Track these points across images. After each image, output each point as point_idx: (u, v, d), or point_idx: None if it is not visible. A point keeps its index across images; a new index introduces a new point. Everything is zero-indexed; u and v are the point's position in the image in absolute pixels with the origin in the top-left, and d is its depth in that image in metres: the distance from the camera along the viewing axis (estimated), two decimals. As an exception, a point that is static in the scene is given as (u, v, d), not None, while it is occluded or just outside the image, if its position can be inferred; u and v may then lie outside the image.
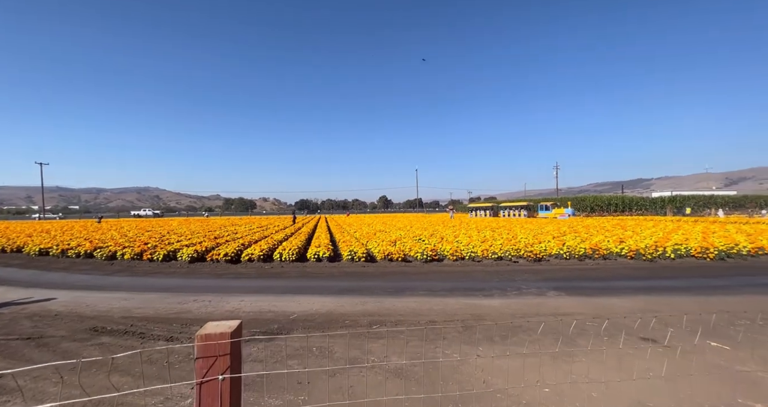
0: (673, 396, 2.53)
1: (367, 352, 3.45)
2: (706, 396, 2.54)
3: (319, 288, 6.42)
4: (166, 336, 3.94)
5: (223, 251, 9.55)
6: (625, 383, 2.72)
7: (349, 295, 5.85)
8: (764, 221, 21.96)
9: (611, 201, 45.80)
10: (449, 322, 4.40)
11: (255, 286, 6.72)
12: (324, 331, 4.07)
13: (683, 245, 9.63)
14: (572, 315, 4.65)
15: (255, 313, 4.85)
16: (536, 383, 2.79)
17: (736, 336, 3.74)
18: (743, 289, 6.12)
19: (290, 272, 8.24)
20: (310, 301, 5.46)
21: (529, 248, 9.54)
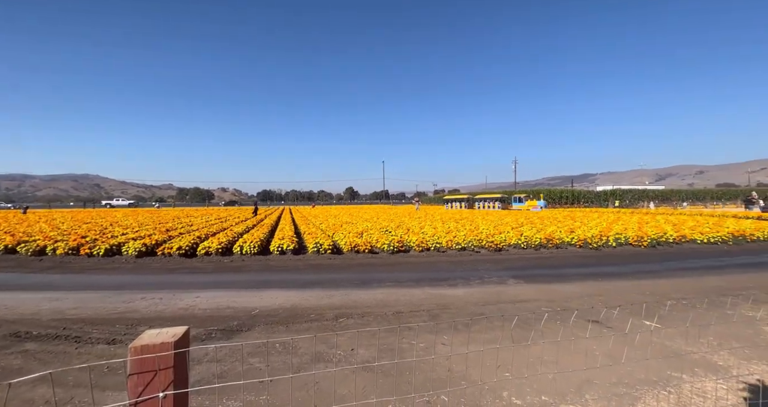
0: (615, 373, 2.77)
1: (333, 346, 3.38)
2: (642, 371, 2.80)
3: (283, 282, 6.19)
4: (107, 339, 3.55)
5: (177, 245, 8.85)
6: (576, 363, 2.93)
7: (314, 288, 5.70)
8: (685, 213, 25.22)
9: (562, 194, 49.42)
10: (416, 312, 4.46)
11: (213, 281, 6.31)
12: (288, 326, 3.93)
13: (623, 234, 10.64)
14: (529, 301, 4.93)
15: (212, 310, 4.55)
16: (497, 368, 2.91)
17: (665, 315, 4.20)
18: (670, 273, 6.90)
19: (252, 265, 7.86)
20: (274, 295, 5.24)
21: (490, 239, 9.97)
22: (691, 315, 4.20)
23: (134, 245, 8.82)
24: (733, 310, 4.39)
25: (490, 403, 2.39)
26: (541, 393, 2.50)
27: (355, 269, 7.37)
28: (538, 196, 44.05)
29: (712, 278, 6.45)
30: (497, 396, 2.47)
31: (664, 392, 2.49)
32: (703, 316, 4.12)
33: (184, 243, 8.99)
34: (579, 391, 2.54)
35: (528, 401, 2.42)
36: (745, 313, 4.27)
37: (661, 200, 47.77)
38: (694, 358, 3.01)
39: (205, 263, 8.17)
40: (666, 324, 3.88)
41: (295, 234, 11.66)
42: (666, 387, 2.56)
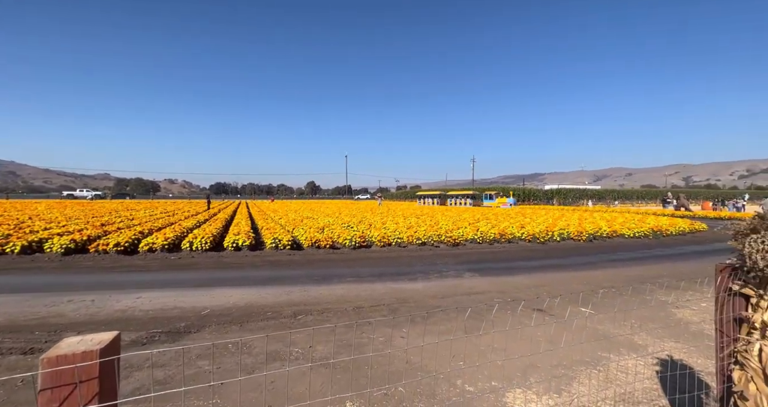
0: (555, 356, 3.04)
1: (290, 344, 3.29)
2: (578, 353, 3.11)
3: (238, 279, 5.88)
4: (23, 349, 3.11)
5: (114, 241, 7.98)
6: (522, 349, 3.16)
7: (272, 285, 5.50)
8: (616, 210, 28.43)
9: (515, 192, 52.86)
10: (376, 307, 4.49)
11: (157, 280, 5.80)
12: (242, 325, 3.74)
13: (565, 230, 11.67)
14: (483, 293, 5.21)
15: (156, 311, 4.18)
16: (452, 358, 3.04)
17: (598, 302, 4.69)
18: (603, 264, 7.72)
19: (203, 263, 7.36)
20: (227, 294, 4.96)
21: (448, 234, 10.36)
22: (618, 301, 4.74)
23: (60, 241, 7.80)
24: (650, 296, 5.03)
25: (444, 391, 2.49)
26: (492, 379, 2.67)
27: (316, 265, 7.24)
28: (507, 193, 44.75)
29: (635, 268, 7.32)
30: (451, 385, 2.58)
31: (595, 371, 2.78)
32: (627, 302, 4.67)
33: (123, 239, 8.14)
34: (524, 375, 2.74)
35: (479, 387, 2.56)
36: (659, 298, 4.91)
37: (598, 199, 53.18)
38: (620, 339, 3.40)
39: (148, 260, 7.48)
40: (598, 310, 4.33)
41: (252, 230, 11.12)
42: (597, 366, 2.86)
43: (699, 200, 47.10)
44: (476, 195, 43.75)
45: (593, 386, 2.55)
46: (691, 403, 2.23)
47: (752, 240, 1.37)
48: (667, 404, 2.28)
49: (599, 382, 2.61)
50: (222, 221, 13.21)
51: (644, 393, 2.44)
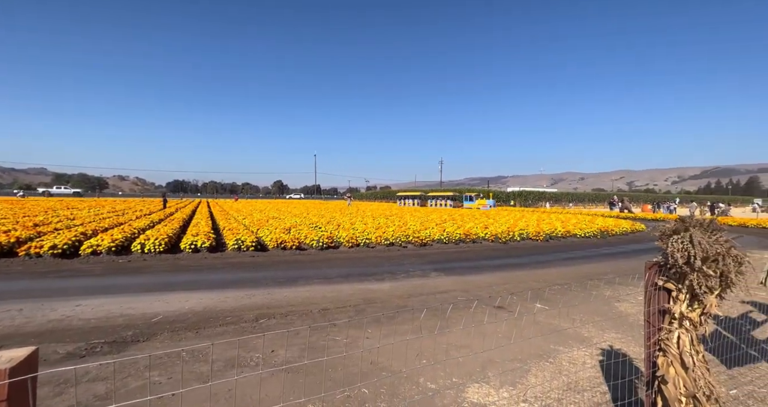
0: (512, 351, 3.21)
1: (251, 349, 3.17)
2: (533, 347, 3.30)
3: (196, 283, 5.55)
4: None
5: (50, 243, 7.18)
6: (482, 345, 3.29)
7: (233, 288, 5.25)
8: (571, 212, 30.70)
9: (481, 193, 55.03)
10: (342, 308, 4.46)
11: (102, 285, 5.31)
12: (199, 331, 3.54)
13: (525, 230, 12.35)
14: (448, 292, 5.37)
15: (99, 320, 3.83)
16: (416, 356, 3.10)
17: (551, 298, 5.02)
18: (558, 262, 8.27)
19: (156, 266, 6.85)
20: (183, 298, 4.66)
21: (416, 235, 10.54)
22: (569, 297, 5.10)
23: (-17, 243, 6.87)
24: (596, 291, 5.48)
25: (407, 390, 2.53)
26: (452, 376, 2.75)
27: (281, 267, 7.03)
28: (487, 195, 44.76)
29: (585, 265, 7.93)
30: (414, 383, 2.63)
31: (547, 363, 2.98)
32: (577, 297, 5.04)
33: (62, 241, 7.35)
34: (483, 370, 2.86)
35: (440, 384, 2.63)
36: (604, 293, 5.36)
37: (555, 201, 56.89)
38: (569, 333, 3.66)
39: (91, 264, 6.83)
40: (551, 305, 4.64)
41: (213, 230, 10.55)
42: (548, 358, 3.06)
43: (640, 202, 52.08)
44: (456, 197, 43.59)
45: (545, 377, 2.73)
46: (626, 388, 2.46)
47: (674, 241, 1.54)
48: (607, 390, 2.49)
49: (550, 373, 2.79)
50: (179, 221, 12.40)
51: (588, 381, 2.65)
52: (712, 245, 1.47)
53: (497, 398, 2.42)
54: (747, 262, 1.49)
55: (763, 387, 2.48)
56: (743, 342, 3.35)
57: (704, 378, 1.46)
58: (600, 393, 2.47)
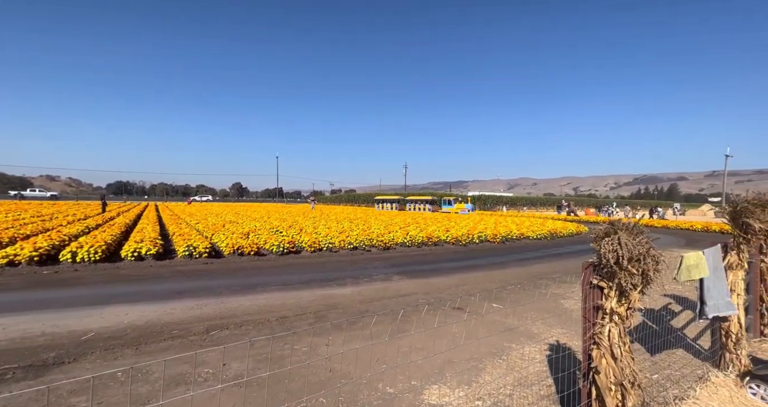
0: (468, 350, 3.32)
1: (199, 364, 2.94)
2: (487, 345, 3.45)
3: (138, 294, 5.06)
4: None
5: (-47, 253, 6.14)
6: (441, 346, 3.37)
7: (181, 298, 4.87)
8: (525, 215, 32.88)
9: (443, 197, 56.75)
10: (302, 315, 4.32)
11: (19, 301, 4.64)
12: (138, 348, 3.22)
13: (484, 233, 12.94)
14: (410, 295, 5.44)
15: (12, 341, 3.33)
16: (376, 361, 3.09)
17: (506, 297, 5.29)
18: (513, 263, 8.76)
19: (90, 277, 6.15)
20: (122, 312, 4.22)
21: (380, 238, 10.58)
22: (522, 296, 5.42)
23: None
24: (546, 289, 5.87)
25: (366, 397, 2.50)
26: (411, 379, 2.78)
27: (238, 274, 6.66)
28: (466, 199, 44.44)
29: (536, 265, 8.49)
30: (373, 389, 2.61)
31: (500, 360, 3.12)
32: (528, 296, 5.37)
33: (-30, 250, 6.31)
34: (441, 371, 2.93)
35: (399, 388, 2.64)
36: (552, 291, 5.77)
37: (511, 205, 60.40)
38: (521, 330, 3.88)
39: (7, 277, 5.95)
40: (505, 304, 4.89)
41: (161, 236, 9.73)
42: (501, 356, 3.21)
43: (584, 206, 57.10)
44: (435, 201, 43.14)
45: (497, 374, 2.85)
46: (569, 379, 2.65)
47: (605, 242, 1.70)
48: (552, 383, 2.67)
49: (503, 370, 2.93)
50: (121, 226, 11.26)
51: (536, 375, 2.82)
52: (635, 246, 1.64)
53: (453, 398, 2.48)
54: (663, 261, 1.69)
55: (677, 371, 2.81)
56: (664, 330, 3.78)
57: (630, 366, 1.62)
58: (546, 386, 2.64)
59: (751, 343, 3.22)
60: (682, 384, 2.56)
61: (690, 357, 3.16)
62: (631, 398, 1.59)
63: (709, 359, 2.91)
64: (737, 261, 2.78)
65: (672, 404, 2.22)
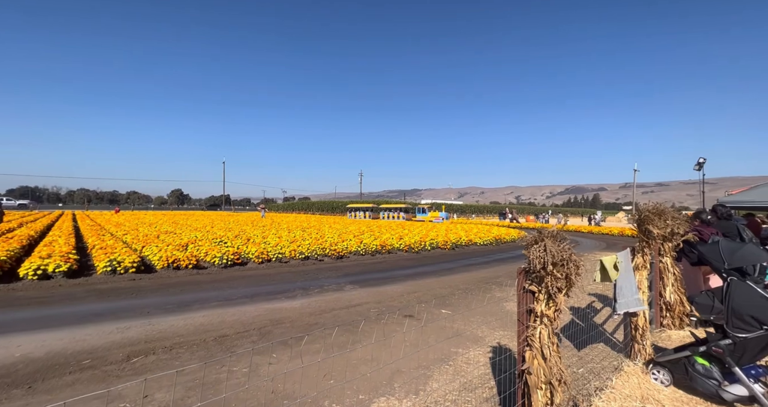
0: (417, 358, 3.34)
1: (114, 398, 2.55)
2: (436, 352, 3.51)
3: (39, 320, 4.29)
4: None
5: None
6: (390, 356, 3.35)
7: (99, 322, 4.23)
8: (473, 222, 34.86)
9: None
10: (244, 333, 4.01)
11: None
12: (33, 386, 2.69)
13: (435, 240, 13.39)
14: (362, 305, 5.36)
15: None
16: (323, 377, 2.96)
17: (455, 303, 5.48)
18: (461, 268, 9.16)
19: (-25, 301, 5.07)
20: (13, 343, 3.52)
21: (333, 247, 10.37)
22: (469, 300, 5.66)
23: None
24: (491, 293, 6.22)
25: (310, 417, 2.37)
26: (359, 393, 2.71)
27: (172, 290, 6.00)
28: (440, 208, 44.35)
29: (483, 270, 8.97)
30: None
31: (447, 366, 3.19)
32: (475, 300, 5.62)
33: None
34: (390, 382, 2.90)
35: (347, 403, 2.55)
36: (496, 295, 6.12)
37: (461, 212, 63.64)
38: (467, 334, 4.03)
39: None
40: (454, 310, 5.06)
41: (78, 250, 8.44)
42: (448, 362, 3.29)
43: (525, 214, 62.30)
44: (410, 209, 42.82)
45: (444, 381, 2.91)
46: (508, 380, 2.79)
47: (534, 249, 1.84)
48: (494, 384, 2.79)
49: (449, 376, 3.00)
50: (22, 239, 9.54)
51: (480, 378, 2.93)
52: (559, 252, 1.80)
53: (401, 409, 2.46)
54: (582, 265, 1.87)
55: (598, 364, 3.13)
56: (588, 327, 4.21)
57: (557, 365, 1.75)
58: (488, 388, 2.75)
59: (654, 334, 3.71)
60: (602, 375, 2.85)
61: (609, 350, 3.54)
62: (558, 395, 1.72)
63: (622, 350, 3.29)
64: (642, 262, 3.21)
65: (593, 395, 2.45)
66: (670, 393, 2.59)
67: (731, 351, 2.23)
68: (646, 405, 2.38)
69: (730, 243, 3.82)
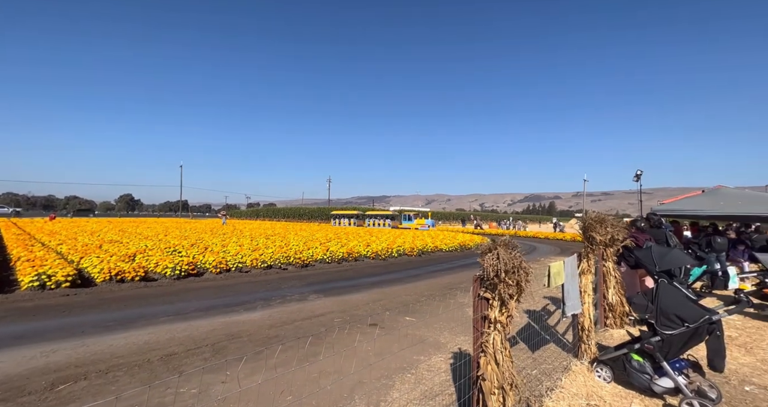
0: (380, 368, 3.31)
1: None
2: (399, 360, 3.50)
3: (-58, 346, 3.67)
4: None
5: None
6: (352, 367, 3.28)
7: (17, 346, 3.71)
8: (440, 229, 35.73)
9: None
10: (195, 350, 3.73)
11: None
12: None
13: (402, 247, 13.50)
14: (325, 315, 5.22)
15: None
16: (281, 393, 2.82)
17: (419, 309, 5.53)
18: (427, 275, 9.29)
19: None
20: None
21: (297, 255, 10.06)
22: (433, 307, 5.73)
23: None
24: (454, 299, 6.36)
25: (264, 438, 2.24)
26: (318, 408, 2.61)
27: (113, 306, 5.45)
28: (426, 215, 43.48)
29: (448, 276, 9.17)
30: (273, 427, 2.36)
31: (409, 375, 3.19)
32: (439, 307, 5.72)
33: None
34: (351, 394, 2.83)
35: (304, 420, 2.45)
36: (459, 300, 6.27)
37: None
38: (430, 341, 4.07)
39: None
40: (418, 317, 5.09)
41: (-3, 261, 7.41)
42: (411, 370, 3.29)
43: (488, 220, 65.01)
44: (396, 216, 41.69)
45: (406, 390, 2.90)
46: (468, 385, 2.85)
47: (488, 257, 1.91)
48: (454, 390, 2.83)
49: (411, 385, 2.99)
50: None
51: (441, 385, 2.96)
52: (511, 259, 1.88)
53: (361, 422, 2.40)
54: (531, 272, 1.97)
55: (550, 364, 3.30)
56: (542, 329, 4.44)
57: (509, 370, 1.81)
58: (448, 395, 2.78)
59: (598, 334, 4.01)
60: (552, 375, 3.00)
61: (560, 350, 3.75)
62: (510, 398, 1.78)
63: (571, 351, 3.50)
64: (587, 267, 3.47)
65: (545, 395, 2.57)
66: (611, 389, 2.80)
67: (660, 347, 2.46)
68: (590, 401, 2.54)
69: (660, 248, 4.27)
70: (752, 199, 7.32)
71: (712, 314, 2.37)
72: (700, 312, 2.40)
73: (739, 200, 7.26)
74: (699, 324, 2.35)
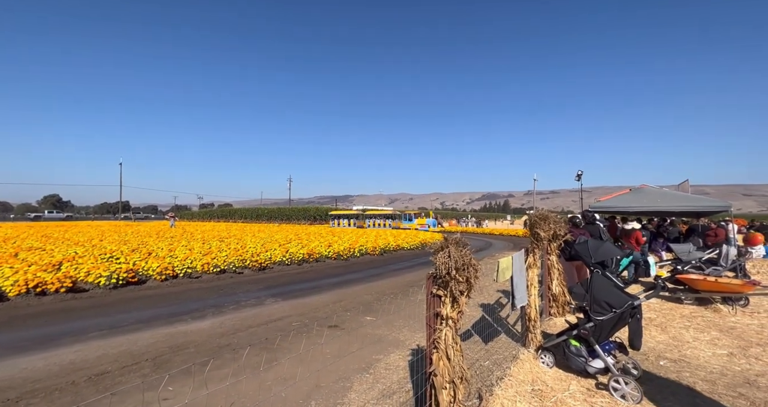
0: (338, 370, 3.26)
1: None
2: (357, 361, 3.47)
3: None
4: None
5: None
6: (309, 371, 3.19)
7: None
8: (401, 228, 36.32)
9: (328, 212, 56.73)
10: (133, 366, 3.38)
11: None
12: None
13: (364, 246, 13.48)
14: (283, 319, 5.03)
15: None
16: (231, 405, 2.66)
17: (380, 308, 5.55)
18: (388, 274, 9.37)
19: None
20: None
21: (254, 258, 9.59)
22: (393, 305, 5.78)
23: None
24: (414, 296, 6.48)
25: (210, 456, 2.09)
26: (271, 417, 2.50)
27: (30, 323, 4.77)
28: (428, 214, 42.19)
29: (409, 274, 9.33)
30: (221, 443, 2.21)
31: (367, 375, 3.18)
32: (399, 305, 5.78)
33: None
34: (307, 399, 2.75)
35: (256, 432, 2.33)
36: (419, 298, 6.38)
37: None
38: (389, 339, 4.10)
39: None
40: (378, 316, 5.11)
41: None
42: (369, 370, 3.28)
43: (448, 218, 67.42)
44: (396, 216, 40.08)
45: (363, 390, 2.88)
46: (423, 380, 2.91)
47: (440, 255, 1.95)
48: (411, 387, 2.88)
49: (369, 385, 2.98)
50: None
51: (398, 383, 2.99)
52: (461, 257, 1.94)
53: (316, 428, 2.34)
54: (480, 268, 2.05)
55: (501, 355, 3.49)
56: (495, 321, 4.69)
57: (459, 364, 1.87)
58: (405, 392, 2.81)
59: (544, 322, 4.33)
60: (503, 365, 3.17)
61: (510, 340, 3.98)
62: (460, 392, 1.85)
63: (520, 340, 3.74)
64: (533, 261, 3.72)
65: (495, 385, 2.70)
66: (553, 373, 3.03)
67: (593, 332, 2.72)
68: (535, 387, 2.73)
69: (595, 242, 4.72)
70: (669, 197, 8.40)
71: (634, 299, 2.67)
72: (624, 298, 2.69)
73: (658, 197, 8.29)
74: (624, 309, 2.63)
